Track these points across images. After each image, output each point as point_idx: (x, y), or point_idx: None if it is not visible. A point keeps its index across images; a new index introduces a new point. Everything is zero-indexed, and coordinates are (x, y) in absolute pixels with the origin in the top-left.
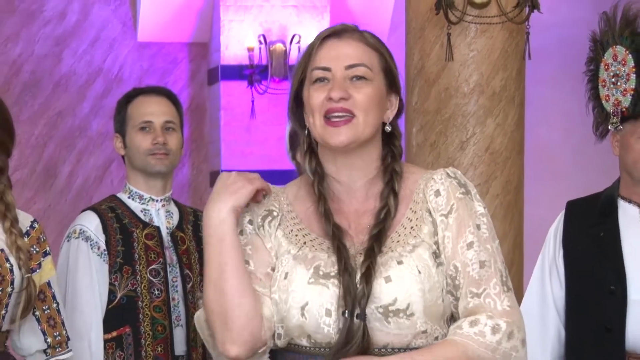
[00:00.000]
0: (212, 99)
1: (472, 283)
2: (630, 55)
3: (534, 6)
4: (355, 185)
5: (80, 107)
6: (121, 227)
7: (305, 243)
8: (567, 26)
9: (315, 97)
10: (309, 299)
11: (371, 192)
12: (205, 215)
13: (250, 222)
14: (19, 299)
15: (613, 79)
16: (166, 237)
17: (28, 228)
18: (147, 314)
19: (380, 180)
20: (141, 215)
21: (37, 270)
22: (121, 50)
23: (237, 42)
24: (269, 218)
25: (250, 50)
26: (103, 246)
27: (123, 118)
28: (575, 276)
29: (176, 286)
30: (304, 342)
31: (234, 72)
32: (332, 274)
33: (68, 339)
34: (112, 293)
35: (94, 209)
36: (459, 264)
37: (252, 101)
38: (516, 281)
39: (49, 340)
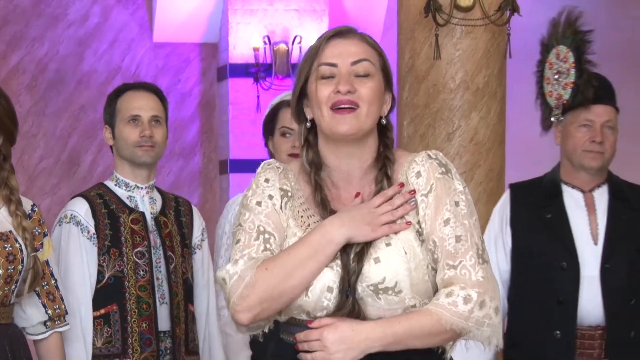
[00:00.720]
0: (221, 94)
1: (449, 256)
2: (570, 52)
3: (514, 10)
4: (353, 173)
5: (100, 102)
6: (109, 212)
7: (309, 225)
8: (544, 28)
9: (323, 91)
10: (313, 281)
11: (366, 179)
12: (326, 224)
13: (270, 197)
14: (24, 276)
15: (556, 76)
16: (150, 222)
17: (29, 211)
18: (132, 293)
19: (374, 168)
20: (127, 202)
21: (40, 250)
22: (138, 50)
23: (243, 43)
24: (285, 199)
25: (255, 50)
26: (92, 230)
27: (113, 111)
28: (524, 253)
29: (160, 267)
30: (304, 316)
31: (241, 70)
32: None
33: (66, 312)
34: (100, 273)
35: (83, 195)
36: (437, 239)
37: (258, 96)
38: None
39: (49, 312)
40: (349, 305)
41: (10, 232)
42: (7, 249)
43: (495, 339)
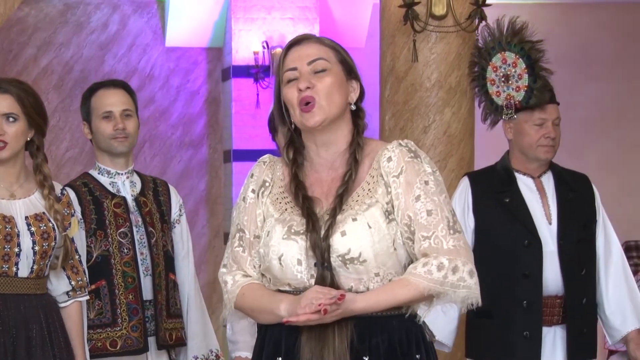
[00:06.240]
0: (225, 92)
1: (422, 228)
2: (520, 59)
3: (482, 18)
4: (333, 158)
5: None
6: (93, 198)
7: (286, 209)
8: None
9: (290, 93)
10: (283, 251)
11: (342, 161)
12: (284, 302)
13: (253, 191)
14: (57, 253)
15: (503, 79)
16: (131, 203)
17: (59, 195)
18: (118, 269)
19: (349, 152)
20: (110, 188)
21: (68, 228)
22: (152, 53)
23: (245, 47)
24: (262, 188)
25: (255, 53)
26: (79, 215)
27: (88, 109)
28: (487, 234)
29: (144, 242)
30: (287, 288)
31: (243, 71)
32: (301, 231)
33: (88, 284)
34: (89, 253)
35: (70, 185)
36: (411, 214)
37: (257, 94)
38: None
39: (72, 283)
40: (328, 279)
41: (44, 213)
42: (42, 228)
43: (474, 299)
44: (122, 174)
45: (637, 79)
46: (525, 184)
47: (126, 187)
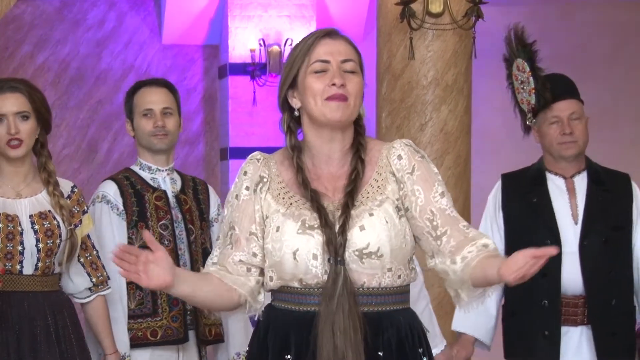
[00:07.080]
0: (222, 90)
1: (458, 220)
2: (525, 63)
3: (479, 16)
4: (333, 155)
5: (116, 96)
6: (135, 192)
7: (291, 204)
8: (505, 32)
9: (317, 84)
10: (299, 246)
11: (344, 160)
12: None
13: (247, 188)
14: (64, 248)
15: (521, 85)
16: (172, 199)
17: (69, 192)
18: None
19: (350, 151)
20: (151, 182)
21: (79, 225)
22: (149, 51)
23: (242, 45)
24: (260, 184)
25: (252, 51)
26: (121, 207)
27: (130, 106)
28: (514, 233)
29: (182, 238)
30: (296, 284)
31: (240, 69)
32: (316, 226)
33: (108, 278)
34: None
35: (112, 178)
36: (434, 209)
37: (254, 92)
38: None
39: (93, 279)
40: (341, 276)
41: (49, 211)
42: (45, 226)
43: None
44: (162, 170)
45: (635, 77)
46: (555, 184)
47: (167, 183)
